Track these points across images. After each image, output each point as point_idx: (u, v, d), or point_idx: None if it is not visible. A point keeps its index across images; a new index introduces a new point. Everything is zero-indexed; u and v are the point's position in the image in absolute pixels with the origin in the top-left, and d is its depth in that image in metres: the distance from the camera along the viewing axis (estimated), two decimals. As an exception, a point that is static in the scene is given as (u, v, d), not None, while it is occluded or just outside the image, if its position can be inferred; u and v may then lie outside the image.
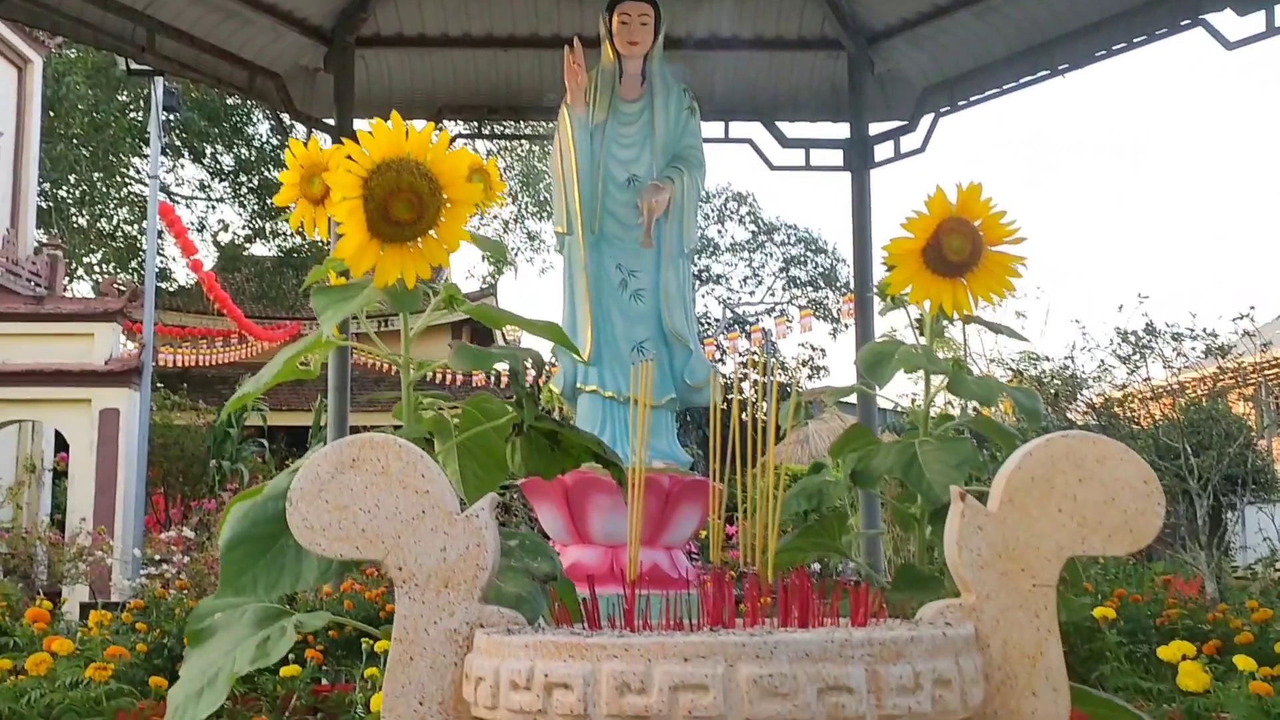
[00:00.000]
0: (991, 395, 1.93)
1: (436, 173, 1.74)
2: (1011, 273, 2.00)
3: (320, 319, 1.78)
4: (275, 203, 1.97)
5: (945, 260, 1.97)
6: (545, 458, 1.99)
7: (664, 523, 5.66)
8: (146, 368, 14.79)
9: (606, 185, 5.99)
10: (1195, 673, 3.16)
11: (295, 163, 1.91)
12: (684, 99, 6.17)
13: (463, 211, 1.77)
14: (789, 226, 34.87)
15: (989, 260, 2.00)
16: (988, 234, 1.99)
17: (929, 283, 1.99)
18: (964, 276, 2.00)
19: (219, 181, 33.25)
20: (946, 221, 1.98)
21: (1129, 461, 1.61)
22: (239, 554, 1.71)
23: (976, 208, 1.98)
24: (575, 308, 6.01)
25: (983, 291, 1.99)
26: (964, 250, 1.97)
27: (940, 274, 1.99)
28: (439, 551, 1.58)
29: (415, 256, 1.76)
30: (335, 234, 1.83)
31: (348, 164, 1.70)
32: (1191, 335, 10.65)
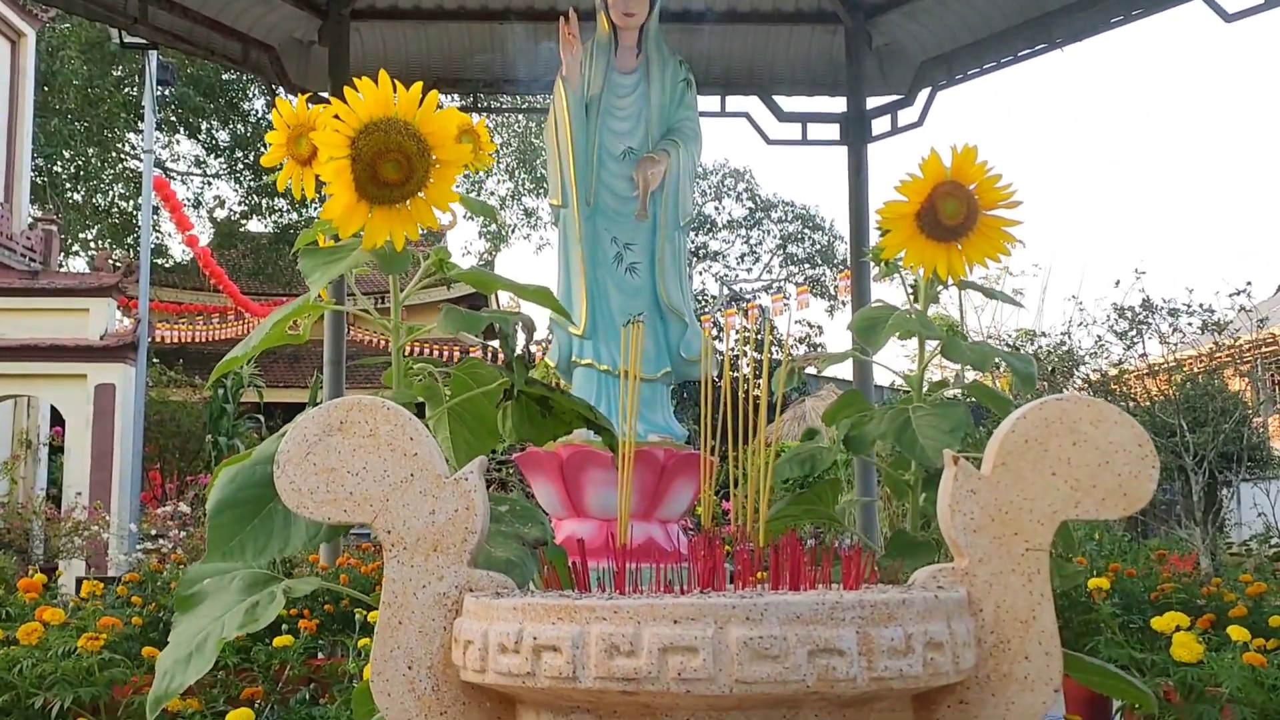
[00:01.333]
0: (985, 360, 1.92)
1: (425, 133, 1.72)
2: (1007, 237, 1.99)
3: (309, 280, 1.77)
4: (263, 163, 1.94)
5: (940, 224, 1.96)
6: (536, 423, 1.97)
7: (659, 497, 5.65)
8: (142, 343, 14.76)
9: (602, 158, 5.95)
10: (1189, 644, 3.15)
11: (282, 122, 1.88)
12: (680, 71, 6.13)
13: (452, 172, 1.75)
14: (786, 203, 34.81)
15: (984, 224, 1.98)
16: (983, 198, 1.98)
17: (923, 247, 1.97)
18: (959, 241, 1.98)
19: (214, 157, 33.12)
20: (941, 185, 1.96)
21: (1123, 425, 1.60)
22: (227, 519, 1.69)
23: (971, 171, 1.96)
24: (570, 281, 5.98)
25: (978, 256, 1.98)
26: (959, 214, 1.95)
27: (935, 238, 1.97)
28: (428, 515, 1.57)
29: (404, 218, 1.74)
30: (324, 197, 1.80)
31: (335, 124, 1.68)
32: (1188, 311, 10.63)
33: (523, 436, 1.97)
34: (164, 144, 32.46)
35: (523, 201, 34.38)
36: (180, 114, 30.80)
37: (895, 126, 8.64)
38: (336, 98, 5.91)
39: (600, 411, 2.07)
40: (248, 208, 33.40)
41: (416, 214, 1.75)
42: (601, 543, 5.64)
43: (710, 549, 1.60)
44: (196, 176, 33.72)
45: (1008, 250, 1.98)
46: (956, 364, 1.95)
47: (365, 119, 1.69)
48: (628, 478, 1.88)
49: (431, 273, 1.94)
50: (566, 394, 1.95)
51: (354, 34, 8.68)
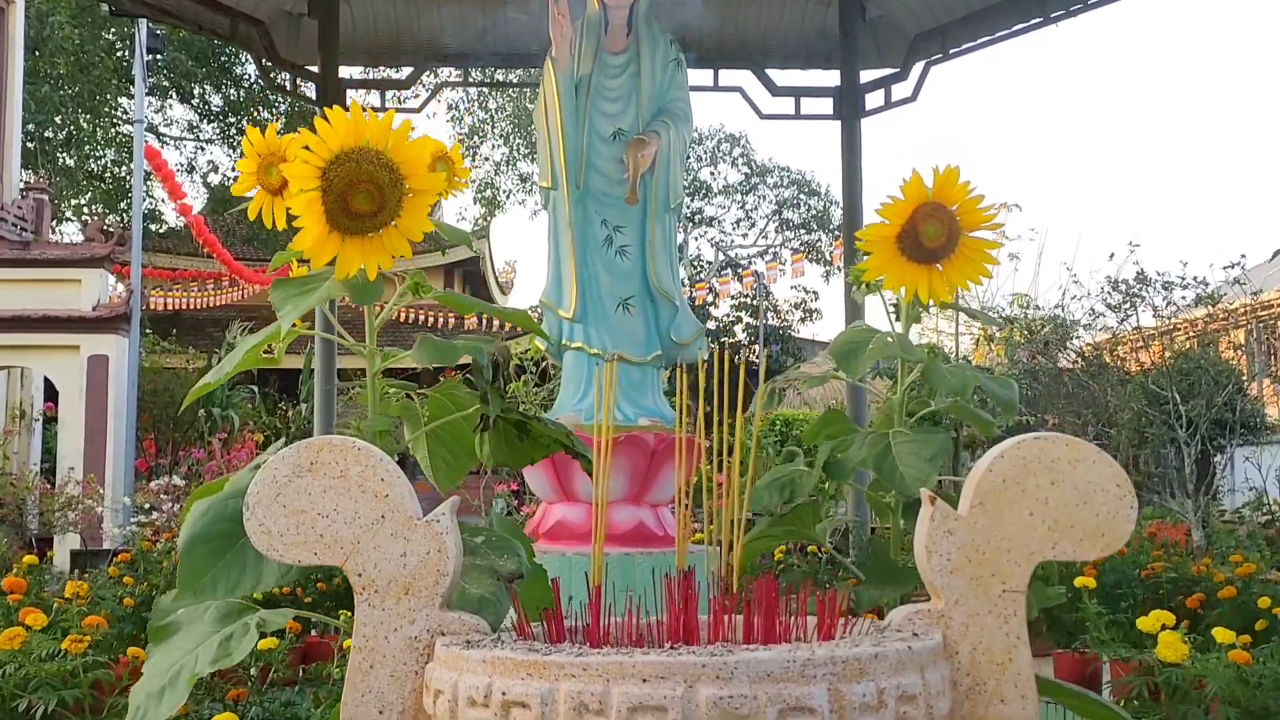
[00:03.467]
0: (966, 386, 1.90)
1: (398, 162, 1.69)
2: (989, 259, 1.97)
3: (279, 313, 1.74)
4: (233, 193, 1.91)
5: (921, 246, 1.94)
6: (514, 448, 1.96)
7: (649, 481, 5.65)
8: (135, 313, 14.71)
9: (592, 140, 5.90)
10: (1174, 644, 3.15)
11: (252, 151, 1.85)
12: (670, 50, 6.07)
13: (425, 201, 1.73)
14: (782, 169, 34.72)
15: (966, 246, 1.96)
16: (965, 219, 1.95)
17: (904, 269, 1.95)
18: (940, 263, 1.96)
19: (208, 122, 32.95)
20: (923, 207, 1.93)
21: (1101, 464, 1.58)
22: (198, 554, 1.67)
23: (953, 192, 1.94)
24: (560, 264, 5.95)
25: (959, 278, 1.96)
26: (940, 236, 1.93)
27: (916, 260, 1.95)
28: (399, 557, 1.55)
29: (376, 248, 1.72)
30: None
31: (305, 154, 1.65)
32: (1182, 284, 10.61)
33: (500, 461, 1.95)
34: (157, 109, 32.29)
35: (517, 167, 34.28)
36: (172, 79, 30.61)
37: (889, 101, 8.57)
38: (325, 72, 5.86)
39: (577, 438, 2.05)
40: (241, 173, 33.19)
41: (389, 244, 1.72)
42: (591, 527, 5.65)
43: (685, 595, 1.59)
44: (190, 141, 33.58)
45: (989, 273, 1.96)
46: (938, 389, 1.93)
47: (336, 149, 1.66)
48: (604, 469, 1.86)
49: (406, 296, 1.91)
50: (543, 420, 1.94)
51: (344, 6, 8.59)
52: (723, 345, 32.04)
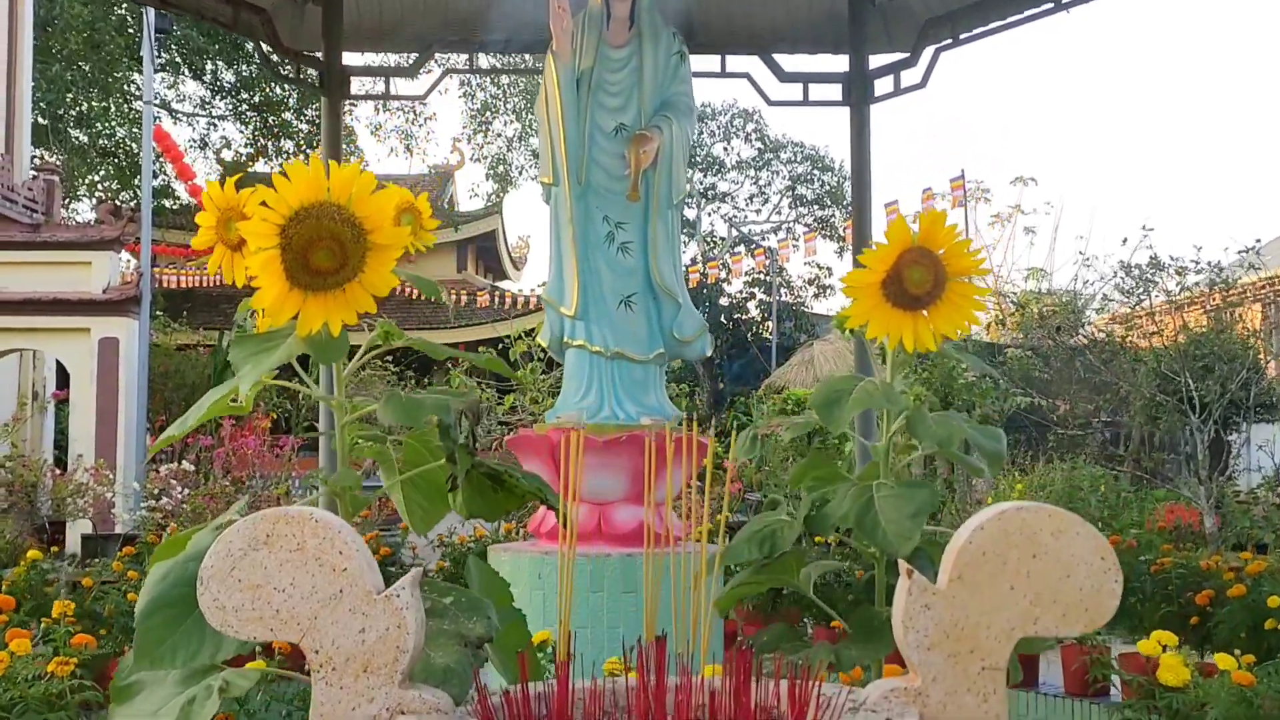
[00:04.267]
0: (952, 437, 1.84)
1: (360, 217, 1.64)
2: (977, 305, 1.91)
3: (238, 374, 1.69)
4: (193, 245, 1.86)
5: (906, 293, 1.88)
6: (488, 498, 1.91)
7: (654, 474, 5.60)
8: (145, 296, 14.70)
9: (593, 135, 5.83)
10: (1176, 667, 3.10)
11: (211, 205, 1.80)
12: (674, 43, 5.98)
13: (390, 255, 1.67)
14: (795, 144, 34.50)
15: (953, 291, 1.90)
16: (951, 264, 1.89)
17: (889, 316, 1.89)
18: (926, 309, 1.90)
19: (220, 98, 32.90)
20: (908, 253, 1.87)
21: (1085, 536, 1.53)
22: (157, 621, 1.63)
23: (940, 236, 1.88)
24: (562, 261, 5.89)
25: (946, 325, 1.90)
26: (926, 282, 1.87)
27: (901, 307, 1.89)
28: (357, 634, 1.51)
29: (340, 304, 1.67)
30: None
31: (263, 211, 1.59)
32: (1196, 269, 10.50)
33: (474, 512, 1.91)
34: (170, 84, 32.25)
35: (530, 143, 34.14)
36: (185, 54, 30.55)
37: (898, 87, 8.46)
38: (330, 59, 5.78)
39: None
40: (254, 149, 33.21)
41: (352, 300, 1.67)
42: (593, 527, 5.61)
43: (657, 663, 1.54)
44: (202, 118, 33.52)
45: (977, 319, 1.90)
46: (922, 439, 1.87)
47: (295, 205, 1.61)
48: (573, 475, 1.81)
49: (376, 345, 1.86)
50: (517, 473, 1.88)
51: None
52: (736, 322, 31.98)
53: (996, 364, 15.72)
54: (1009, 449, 8.45)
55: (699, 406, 26.20)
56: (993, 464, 1.84)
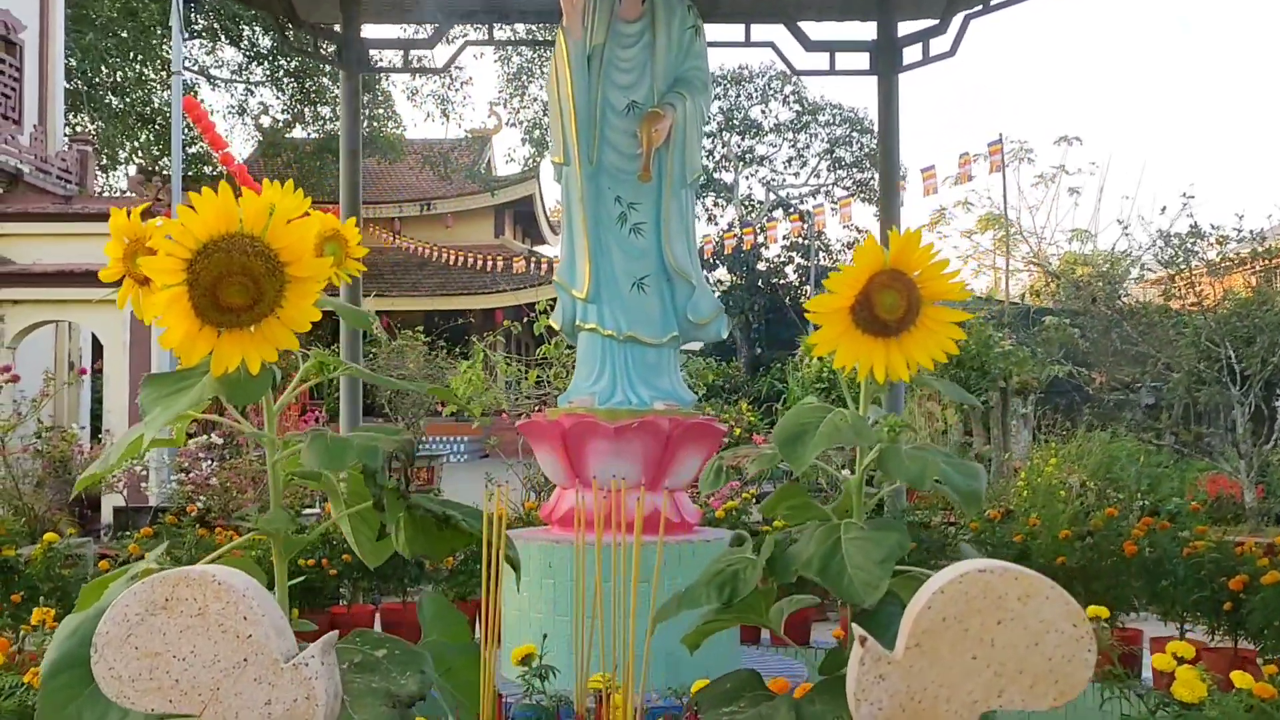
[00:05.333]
0: (926, 473, 1.71)
1: (277, 248, 1.52)
2: (954, 331, 1.77)
3: (145, 418, 1.58)
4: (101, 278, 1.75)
5: (876, 319, 1.74)
6: (433, 536, 1.79)
7: (664, 466, 5.49)
8: (175, 268, 14.68)
9: (605, 113, 5.68)
10: (1192, 683, 2.96)
11: (118, 233, 1.68)
12: (688, 17, 5.81)
13: (311, 288, 1.55)
14: (834, 106, 34.05)
15: (928, 317, 1.76)
16: (927, 287, 1.75)
17: (858, 344, 1.76)
18: (899, 336, 1.76)
19: (257, 64, 32.84)
20: (878, 275, 1.73)
21: (1056, 600, 1.39)
22: (62, 683, 1.53)
23: (914, 258, 1.74)
24: (574, 242, 5.76)
25: (920, 354, 1.76)
26: (898, 307, 1.74)
27: (871, 334, 1.75)
28: (263, 705, 1.40)
29: (257, 341, 1.55)
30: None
31: (168, 245, 1.48)
32: (1238, 238, 10.22)
33: (416, 552, 1.79)
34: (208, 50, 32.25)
35: (566, 107, 33.84)
36: (222, 20, 30.50)
37: (927, 55, 8.27)
38: (348, 32, 5.65)
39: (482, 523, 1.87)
40: (290, 116, 33.19)
41: (271, 337, 1.55)
42: (605, 515, 5.50)
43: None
44: (240, 84, 33.50)
45: (954, 347, 1.76)
46: (896, 479, 1.74)
47: (203, 238, 1.49)
48: None
49: (308, 378, 1.75)
50: (464, 512, 1.76)
51: (368, -37, 8.39)
52: (774, 287, 31.73)
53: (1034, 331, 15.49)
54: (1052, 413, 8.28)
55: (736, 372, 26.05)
56: (968, 503, 1.71)
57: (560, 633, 5.27)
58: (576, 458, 5.46)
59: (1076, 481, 10.61)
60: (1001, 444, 14.56)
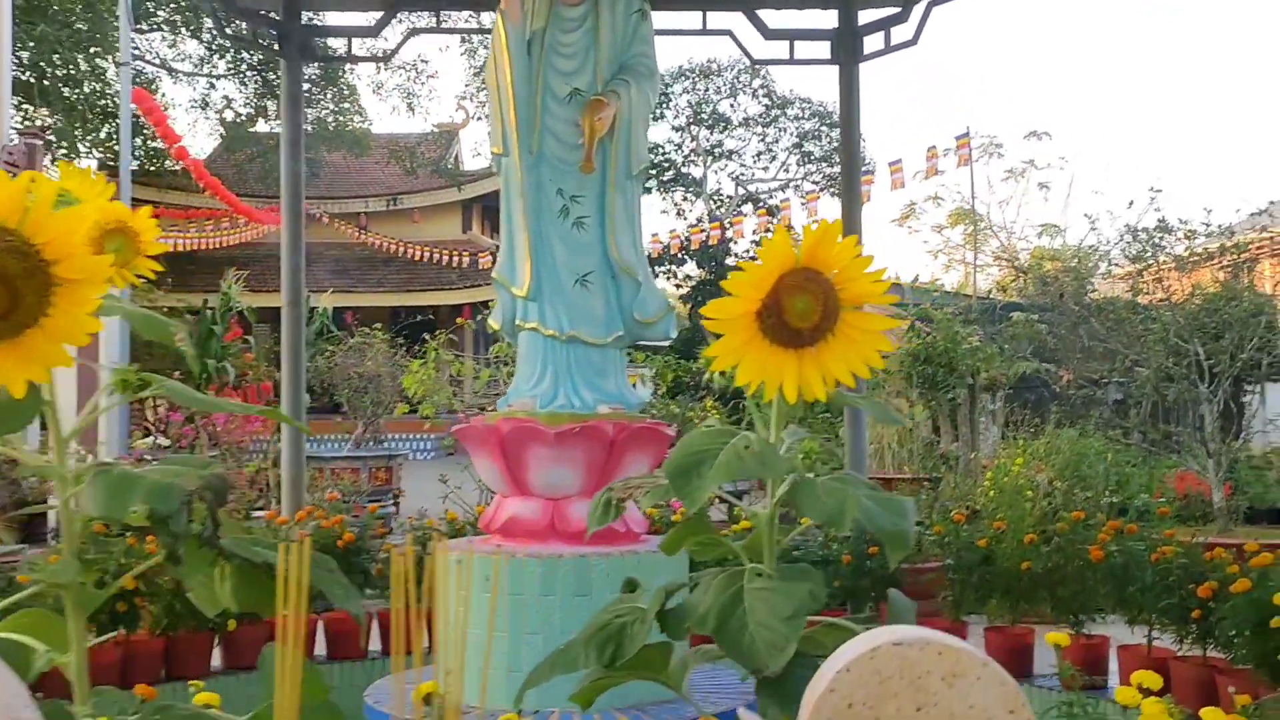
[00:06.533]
0: (844, 512, 1.44)
1: (39, 243, 1.23)
2: (880, 341, 1.49)
3: (-120, 453, 1.29)
4: None
5: (787, 326, 1.46)
6: (261, 587, 1.51)
7: (609, 473, 5.20)
8: (125, 264, 14.30)
9: (545, 101, 5.39)
10: (1159, 717, 2.71)
11: None
12: (634, 1, 5.52)
13: (88, 292, 1.27)
14: (803, 100, 33.86)
15: (849, 324, 1.49)
16: (846, 290, 1.48)
17: (765, 356, 1.48)
18: (814, 346, 1.48)
19: (219, 58, 32.38)
20: (789, 275, 1.46)
21: (989, 681, 1.12)
22: None
23: (832, 255, 1.47)
24: (513, 237, 5.46)
25: (839, 367, 1.48)
26: (813, 313, 1.46)
27: (781, 344, 1.48)
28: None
29: (21, 356, 1.26)
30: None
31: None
32: (1205, 233, 10.03)
33: (244, 605, 1.51)
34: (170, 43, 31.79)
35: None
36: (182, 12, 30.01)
37: (888, 44, 8.02)
38: (289, 19, 5.34)
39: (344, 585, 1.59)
40: (253, 110, 32.76)
41: (36, 352, 1.27)
42: (546, 524, 5.23)
43: None
44: (202, 77, 33.03)
45: (879, 360, 1.49)
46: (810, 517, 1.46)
47: (-65, 231, 1.20)
48: None
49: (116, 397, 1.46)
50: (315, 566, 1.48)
51: (310, -52, 8.09)
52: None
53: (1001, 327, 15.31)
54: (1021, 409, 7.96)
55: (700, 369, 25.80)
56: (894, 546, 1.44)
57: (497, 649, 5.00)
58: (515, 464, 5.18)
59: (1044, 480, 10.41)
60: (969, 441, 14.37)
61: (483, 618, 5.09)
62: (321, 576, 1.48)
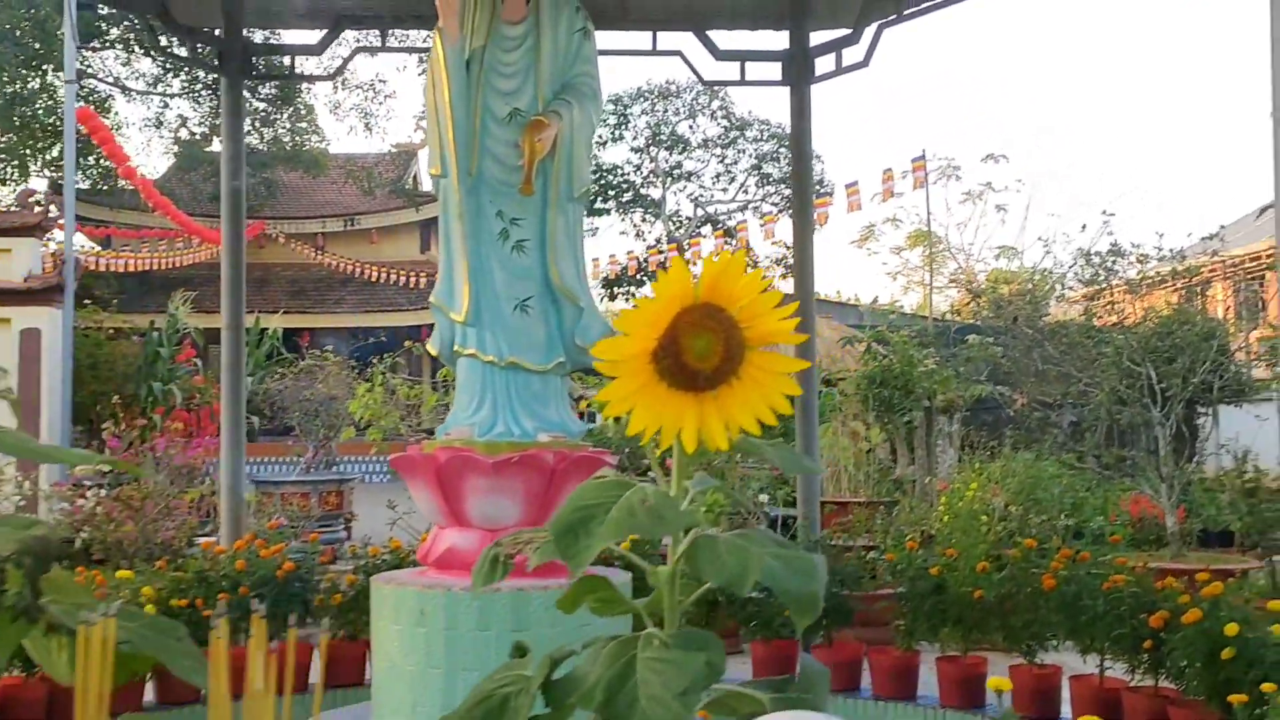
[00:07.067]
0: (746, 574, 1.31)
1: None
2: (785, 384, 1.37)
3: None
4: None
5: (686, 369, 1.33)
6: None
7: (549, 503, 5.05)
8: (69, 284, 14.05)
9: (485, 121, 5.25)
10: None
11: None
12: (576, 19, 5.40)
13: None
14: (762, 122, 33.91)
15: (755, 365, 1.36)
16: (752, 327, 1.35)
17: (663, 401, 1.35)
18: (715, 390, 1.36)
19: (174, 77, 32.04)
20: (687, 312, 1.33)
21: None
22: None
23: (736, 289, 1.34)
24: (451, 261, 5.31)
25: (744, 414, 1.36)
26: (714, 354, 1.33)
27: (680, 388, 1.35)
28: None
29: None
30: None
31: None
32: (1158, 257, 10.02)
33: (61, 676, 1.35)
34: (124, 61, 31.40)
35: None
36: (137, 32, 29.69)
37: (840, 66, 7.97)
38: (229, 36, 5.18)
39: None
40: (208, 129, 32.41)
41: None
42: (484, 556, 5.07)
43: None
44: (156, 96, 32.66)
45: (786, 405, 1.36)
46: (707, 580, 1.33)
47: None
48: None
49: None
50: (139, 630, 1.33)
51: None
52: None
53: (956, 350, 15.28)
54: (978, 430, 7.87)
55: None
56: (800, 611, 1.31)
57: (433, 686, 4.84)
58: (452, 495, 5.02)
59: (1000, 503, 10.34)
60: (925, 464, 14.30)
61: (417, 653, 4.94)
62: (164, 647, 1.33)
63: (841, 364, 17.02)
